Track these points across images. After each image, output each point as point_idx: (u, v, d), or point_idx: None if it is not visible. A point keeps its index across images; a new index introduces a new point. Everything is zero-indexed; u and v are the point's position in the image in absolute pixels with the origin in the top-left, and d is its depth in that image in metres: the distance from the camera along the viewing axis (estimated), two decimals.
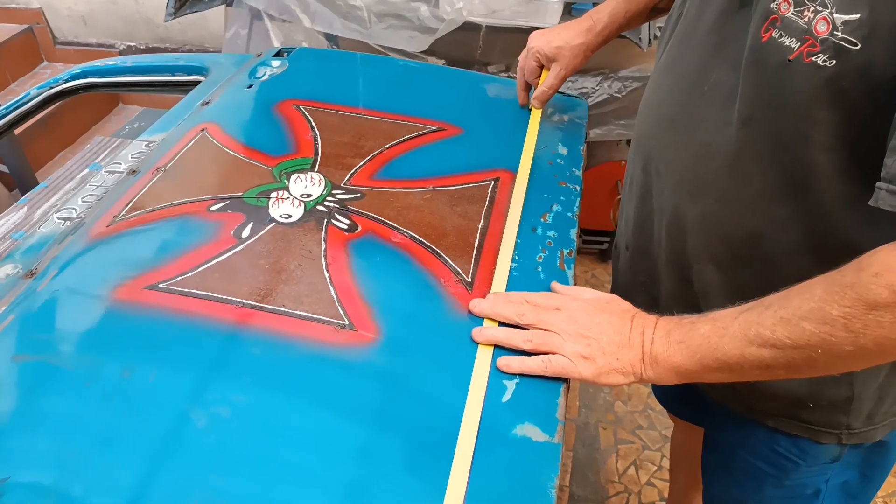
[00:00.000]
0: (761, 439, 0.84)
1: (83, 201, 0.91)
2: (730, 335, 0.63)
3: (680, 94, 0.78)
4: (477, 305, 0.76)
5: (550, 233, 0.89)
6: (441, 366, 0.70)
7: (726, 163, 0.71)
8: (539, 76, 1.07)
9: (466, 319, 0.75)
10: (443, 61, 1.72)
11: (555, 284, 0.80)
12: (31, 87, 1.30)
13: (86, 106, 2.78)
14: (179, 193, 0.89)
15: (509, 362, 0.71)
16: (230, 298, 0.74)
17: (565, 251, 0.86)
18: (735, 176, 0.71)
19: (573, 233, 0.90)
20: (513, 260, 0.83)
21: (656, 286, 0.89)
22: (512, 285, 0.80)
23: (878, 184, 0.56)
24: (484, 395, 0.67)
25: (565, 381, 0.70)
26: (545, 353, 0.70)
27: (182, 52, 2.88)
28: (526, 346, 0.71)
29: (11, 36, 2.85)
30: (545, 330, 0.71)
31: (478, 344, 0.72)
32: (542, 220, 0.91)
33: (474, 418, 0.65)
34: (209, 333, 0.70)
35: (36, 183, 1.86)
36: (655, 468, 1.75)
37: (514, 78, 1.13)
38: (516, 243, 0.86)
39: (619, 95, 1.70)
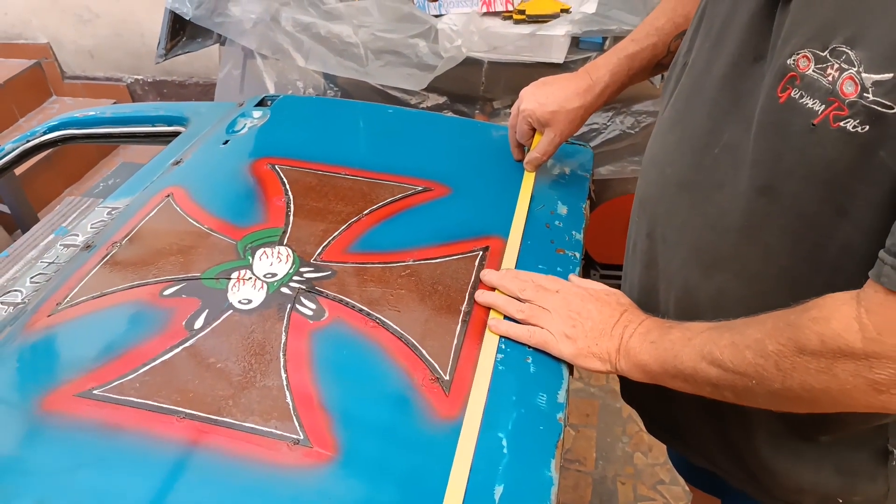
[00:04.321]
0: None
1: (31, 282, 0.83)
2: (690, 346, 0.63)
3: (689, 154, 0.70)
4: (487, 275, 0.81)
5: None
6: (406, 490, 0.61)
7: (745, 235, 0.63)
8: (532, 138, 0.97)
9: (439, 430, 0.65)
10: (444, 98, 1.64)
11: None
12: (37, 123, 1.23)
13: None
14: (132, 274, 0.80)
15: (497, 324, 0.76)
16: (170, 408, 0.65)
17: None
18: (755, 251, 0.63)
19: None
20: (499, 349, 0.74)
21: None
22: (497, 381, 0.70)
23: (881, 254, 0.51)
24: None
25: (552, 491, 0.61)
26: (534, 326, 0.75)
27: (189, 84, 2.83)
28: (518, 316, 0.76)
29: (20, 71, 2.83)
30: (540, 307, 0.75)
31: (454, 454, 0.62)
32: None
33: None
34: (142, 454, 0.61)
35: (36, 223, 1.80)
36: None
37: None
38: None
39: (633, 132, 1.59)
